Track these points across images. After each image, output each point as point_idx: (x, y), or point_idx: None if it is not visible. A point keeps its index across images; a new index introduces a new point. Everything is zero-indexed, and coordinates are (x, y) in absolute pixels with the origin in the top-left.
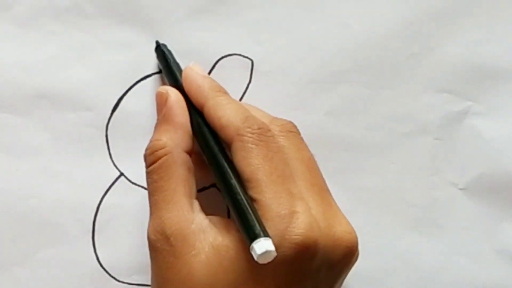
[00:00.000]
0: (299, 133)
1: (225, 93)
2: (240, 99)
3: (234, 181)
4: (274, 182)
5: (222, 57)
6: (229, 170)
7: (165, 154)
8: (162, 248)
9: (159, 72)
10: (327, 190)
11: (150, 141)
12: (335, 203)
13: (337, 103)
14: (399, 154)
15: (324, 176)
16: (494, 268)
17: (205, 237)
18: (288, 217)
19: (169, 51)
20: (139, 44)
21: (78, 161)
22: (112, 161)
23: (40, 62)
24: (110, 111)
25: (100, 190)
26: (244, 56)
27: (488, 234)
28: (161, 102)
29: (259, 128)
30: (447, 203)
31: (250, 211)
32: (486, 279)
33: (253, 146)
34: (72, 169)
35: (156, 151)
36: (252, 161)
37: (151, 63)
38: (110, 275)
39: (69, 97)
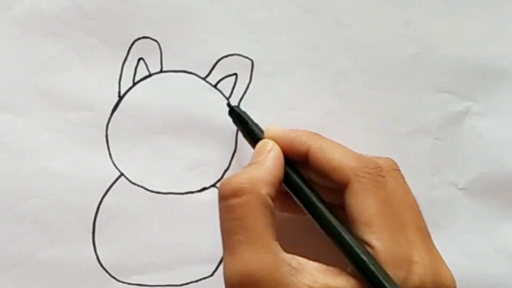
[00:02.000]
0: (400, 171)
1: (324, 137)
2: (240, 99)
3: (347, 235)
4: (392, 228)
5: (222, 57)
6: (337, 222)
7: (252, 192)
8: None
9: (159, 72)
10: (430, 235)
11: (234, 174)
12: (436, 248)
13: (337, 103)
14: (399, 154)
15: None
16: (494, 268)
17: (299, 279)
18: (406, 266)
19: (244, 112)
20: (140, 44)
21: (78, 161)
22: (112, 161)
23: (40, 62)
24: (110, 111)
25: (100, 190)
26: (244, 56)
27: (488, 234)
28: (262, 150)
29: (374, 168)
30: (447, 203)
31: (374, 266)
32: (486, 278)
33: (373, 188)
34: (72, 169)
35: (242, 184)
36: (371, 204)
37: (152, 63)
38: (110, 275)
39: (69, 97)
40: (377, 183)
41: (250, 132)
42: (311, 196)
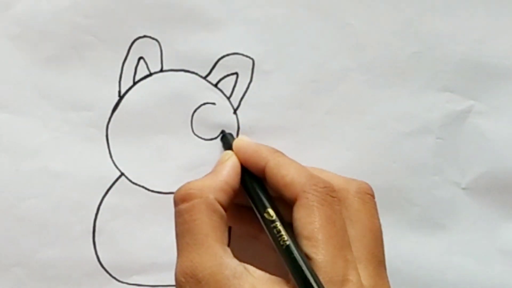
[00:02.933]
0: (373, 196)
1: (285, 155)
2: (241, 99)
3: (292, 244)
4: (333, 245)
5: (223, 56)
6: (286, 232)
7: (201, 196)
8: None
9: (159, 71)
10: (384, 264)
11: (188, 182)
12: (387, 279)
13: (338, 102)
14: (401, 153)
15: None
16: (496, 267)
17: (241, 284)
18: (339, 284)
19: (233, 138)
20: (140, 43)
21: (78, 161)
22: (113, 161)
23: (40, 61)
24: (110, 111)
25: (101, 190)
26: (245, 55)
27: (490, 233)
28: (220, 161)
29: (324, 187)
30: (449, 203)
31: (311, 275)
32: (488, 278)
33: (318, 205)
34: (73, 169)
35: (191, 189)
36: (314, 219)
37: (152, 62)
38: (110, 275)
39: (69, 97)
40: (323, 201)
41: (227, 142)
42: (266, 204)
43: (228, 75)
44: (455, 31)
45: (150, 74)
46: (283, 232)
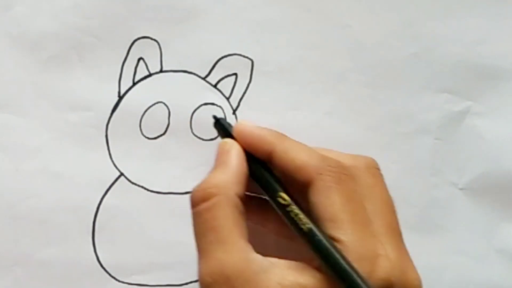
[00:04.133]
0: (380, 169)
1: (290, 137)
2: (240, 99)
3: (314, 227)
4: (357, 223)
5: (222, 57)
6: (304, 215)
7: (219, 194)
8: None
9: (159, 72)
10: (401, 234)
11: (202, 181)
12: (406, 248)
13: (337, 103)
14: (399, 154)
15: None
16: (494, 268)
17: (269, 277)
18: (372, 260)
19: (228, 124)
20: (139, 43)
21: (78, 161)
22: (112, 161)
23: (40, 62)
24: (110, 111)
25: (100, 190)
26: (244, 56)
27: (488, 233)
28: (223, 152)
29: (338, 166)
30: (447, 203)
31: (341, 257)
32: (486, 278)
33: (335, 185)
34: (72, 169)
35: (209, 188)
36: (334, 200)
37: (152, 62)
38: (110, 275)
39: (69, 97)
40: (339, 180)
41: (223, 128)
42: (278, 188)
43: (227, 76)
44: (452, 32)
45: (150, 75)
46: (301, 215)
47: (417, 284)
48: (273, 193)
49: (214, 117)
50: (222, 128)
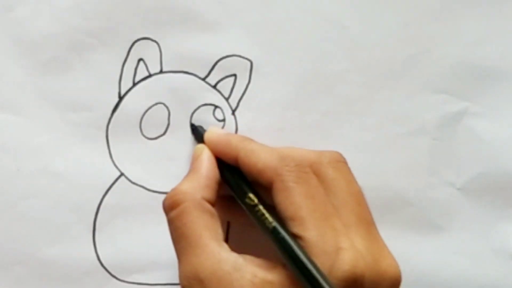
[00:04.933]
0: (346, 163)
1: (254, 141)
2: (239, 100)
3: (278, 225)
4: (317, 219)
5: (222, 58)
6: (269, 214)
7: (185, 201)
8: None
9: (159, 73)
10: (373, 224)
11: (172, 188)
12: (381, 237)
13: (335, 103)
14: (397, 154)
15: None
16: (492, 268)
17: (242, 275)
18: (333, 253)
19: (204, 131)
20: (139, 44)
21: (78, 161)
22: (112, 161)
23: (41, 62)
24: (110, 111)
25: (101, 190)
26: (243, 57)
27: (485, 233)
28: (193, 158)
29: (296, 165)
30: (444, 203)
31: (301, 253)
32: (484, 278)
33: (294, 184)
34: (73, 169)
35: (176, 195)
36: (294, 199)
37: (151, 63)
38: (110, 274)
39: (69, 97)
40: (298, 179)
41: (197, 136)
42: (246, 190)
43: (226, 77)
44: (450, 33)
45: (150, 75)
46: (266, 215)
47: (392, 271)
48: (242, 195)
49: (192, 124)
50: (196, 136)
